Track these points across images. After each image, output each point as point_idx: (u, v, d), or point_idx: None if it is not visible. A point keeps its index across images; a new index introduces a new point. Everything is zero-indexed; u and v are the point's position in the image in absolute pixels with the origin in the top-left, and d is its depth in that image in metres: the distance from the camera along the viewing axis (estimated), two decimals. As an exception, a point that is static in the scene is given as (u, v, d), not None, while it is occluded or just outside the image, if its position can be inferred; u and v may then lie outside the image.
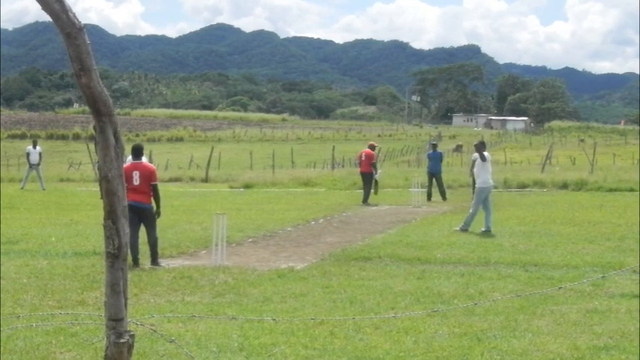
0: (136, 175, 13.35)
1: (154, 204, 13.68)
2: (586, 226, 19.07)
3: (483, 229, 18.09)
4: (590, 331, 8.59)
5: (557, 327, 8.78)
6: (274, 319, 8.29)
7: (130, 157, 13.79)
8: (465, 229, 18.03)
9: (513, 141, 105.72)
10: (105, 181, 4.13)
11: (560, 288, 10.18)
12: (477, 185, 19.01)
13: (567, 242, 16.04)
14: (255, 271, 12.66)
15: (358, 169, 28.96)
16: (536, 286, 11.06)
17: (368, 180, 27.48)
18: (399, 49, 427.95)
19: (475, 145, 19.73)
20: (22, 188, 33.57)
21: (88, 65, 4.03)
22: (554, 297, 10.28)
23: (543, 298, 10.19)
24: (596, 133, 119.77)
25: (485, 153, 19.16)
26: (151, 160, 31.85)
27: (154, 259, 13.46)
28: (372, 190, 27.75)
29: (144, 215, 13.44)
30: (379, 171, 28.08)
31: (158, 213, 13.71)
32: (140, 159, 13.89)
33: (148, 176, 13.53)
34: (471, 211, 18.56)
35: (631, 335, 8.36)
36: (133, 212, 12.08)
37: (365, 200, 27.00)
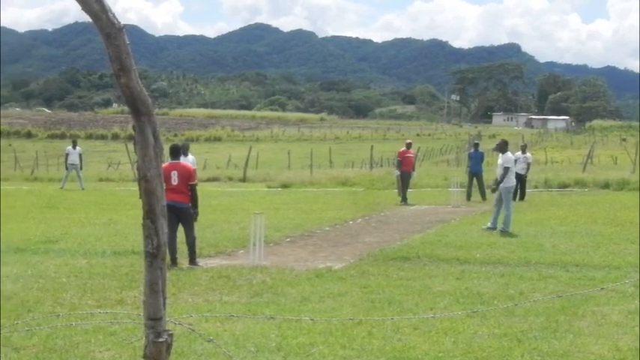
0: (174, 175, 13.39)
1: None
2: (628, 226, 18.85)
3: (489, 225, 18.07)
4: (632, 332, 8.49)
5: (598, 328, 8.68)
6: (312, 319, 8.27)
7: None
8: (506, 231, 17.85)
9: (554, 140, 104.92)
10: (144, 181, 4.13)
11: (601, 289, 10.09)
12: (505, 185, 18.62)
13: (609, 242, 15.87)
14: (293, 271, 12.65)
15: (394, 168, 28.89)
16: (578, 287, 10.95)
17: (404, 179, 27.41)
18: (438, 48, 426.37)
19: (498, 145, 19.58)
20: (61, 188, 33.85)
21: (128, 65, 4.03)
22: (596, 298, 10.17)
23: (585, 298, 10.08)
24: (639, 132, 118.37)
25: (508, 153, 19.01)
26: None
27: (192, 259, 13.50)
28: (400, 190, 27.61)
29: (182, 215, 13.47)
30: (395, 171, 28.11)
31: (196, 213, 13.75)
32: (178, 159, 13.94)
33: (187, 176, 13.57)
34: (506, 212, 18.33)
35: (674, 337, 8.24)
36: (171, 212, 12.10)
37: (403, 199, 26.92)
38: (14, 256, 14.10)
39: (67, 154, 34.95)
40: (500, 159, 18.85)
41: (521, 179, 27.42)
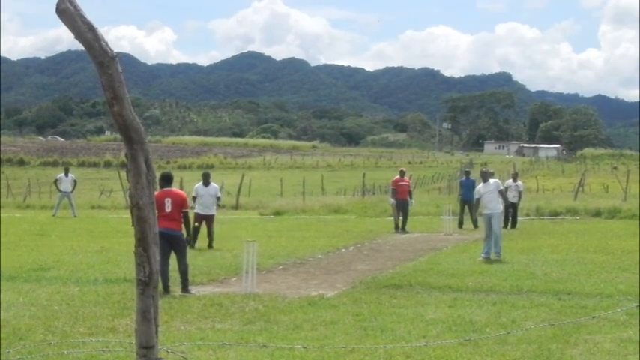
0: (168, 202, 13.42)
1: (184, 231, 13.78)
2: (619, 254, 18.89)
3: (492, 256, 18.08)
4: (625, 360, 8.49)
5: (590, 356, 8.68)
6: (305, 347, 8.25)
7: None
8: (487, 257, 17.92)
9: (545, 168, 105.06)
10: (136, 209, 4.14)
11: (593, 317, 10.09)
12: (495, 211, 18.68)
13: (601, 270, 15.89)
14: (286, 299, 12.64)
15: (387, 197, 29.17)
16: (570, 315, 10.96)
17: (399, 207, 27.45)
18: (429, 77, 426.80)
19: (481, 173, 19.75)
20: (53, 215, 33.83)
21: (120, 94, 4.06)
22: (588, 326, 10.17)
23: (577, 326, 10.08)
24: (630, 161, 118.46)
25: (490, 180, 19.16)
26: (181, 188, 32.04)
27: (185, 287, 13.48)
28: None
29: (175, 242, 13.48)
30: (390, 199, 28.47)
31: (188, 240, 13.77)
32: (170, 186, 13.99)
33: (180, 203, 13.62)
34: (493, 237, 18.35)
35: (666, 365, 8.24)
36: (164, 240, 12.14)
37: (396, 227, 26.94)
38: (6, 283, 14.06)
39: (56, 181, 35.12)
40: (483, 187, 18.92)
41: (512, 207, 27.60)
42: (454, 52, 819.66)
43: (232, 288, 13.89)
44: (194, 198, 21.84)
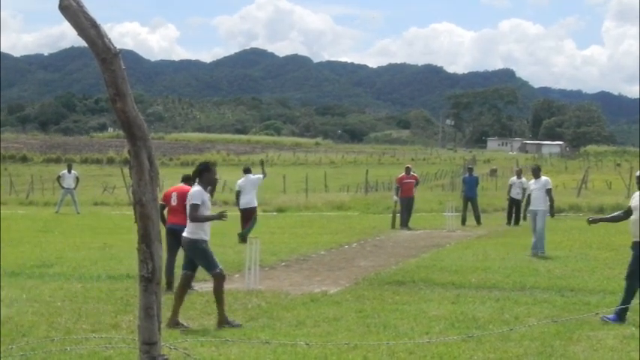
0: (173, 196, 13.48)
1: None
2: (623, 250, 18.77)
3: (539, 252, 18.26)
4: (627, 357, 8.49)
5: (593, 353, 8.68)
6: (307, 344, 8.25)
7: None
8: (537, 253, 18.12)
9: (549, 165, 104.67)
10: (139, 205, 4.14)
11: (596, 313, 10.10)
12: (541, 209, 18.86)
13: (604, 267, 15.89)
14: (289, 295, 12.64)
15: (391, 194, 29.21)
16: (573, 312, 10.96)
17: (403, 205, 27.41)
18: (433, 73, 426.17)
19: (533, 170, 20.05)
20: (56, 212, 33.83)
21: (124, 90, 4.06)
22: (591, 323, 10.18)
23: (580, 323, 10.08)
24: (633, 158, 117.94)
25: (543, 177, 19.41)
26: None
27: (187, 283, 13.49)
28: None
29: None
30: (394, 197, 28.33)
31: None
32: (185, 184, 14.16)
33: (183, 197, 13.72)
34: (539, 234, 18.57)
35: (669, 362, 8.23)
36: (173, 235, 12.24)
37: (403, 224, 26.92)
38: (9, 280, 14.08)
39: (58, 177, 35.17)
40: (535, 184, 19.09)
41: (516, 204, 27.57)
42: (457, 48, 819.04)
43: (235, 285, 13.89)
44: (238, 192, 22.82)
